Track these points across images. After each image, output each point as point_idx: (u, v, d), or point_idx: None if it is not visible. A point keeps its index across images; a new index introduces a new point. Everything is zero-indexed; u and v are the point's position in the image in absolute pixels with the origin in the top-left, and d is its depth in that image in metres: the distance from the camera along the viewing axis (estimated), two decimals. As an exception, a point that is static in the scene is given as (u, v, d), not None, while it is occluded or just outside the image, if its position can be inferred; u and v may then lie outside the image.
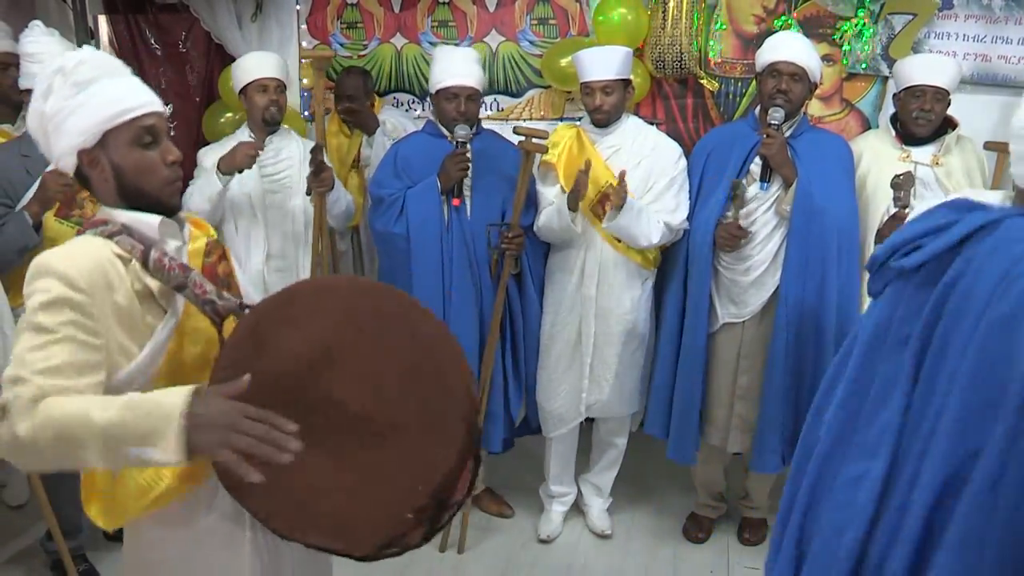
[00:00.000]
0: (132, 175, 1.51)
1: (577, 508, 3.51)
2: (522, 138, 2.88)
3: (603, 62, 2.98)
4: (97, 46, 4.33)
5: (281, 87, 3.27)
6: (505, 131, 3.27)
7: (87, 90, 1.47)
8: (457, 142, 2.97)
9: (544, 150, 2.90)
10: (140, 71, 4.26)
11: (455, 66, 3.02)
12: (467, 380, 1.51)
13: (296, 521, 1.38)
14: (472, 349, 3.04)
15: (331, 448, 1.39)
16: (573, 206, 2.95)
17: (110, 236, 1.49)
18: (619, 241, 3.05)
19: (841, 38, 3.57)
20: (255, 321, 1.48)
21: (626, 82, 3.05)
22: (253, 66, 3.25)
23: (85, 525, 3.01)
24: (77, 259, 1.41)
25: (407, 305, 1.56)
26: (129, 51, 4.29)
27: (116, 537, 3.19)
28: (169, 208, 1.57)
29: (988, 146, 2.84)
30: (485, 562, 3.21)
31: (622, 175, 2.85)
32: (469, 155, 2.96)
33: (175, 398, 1.25)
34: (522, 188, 2.93)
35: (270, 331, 1.45)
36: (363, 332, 1.48)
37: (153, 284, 1.50)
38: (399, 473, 1.40)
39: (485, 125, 3.26)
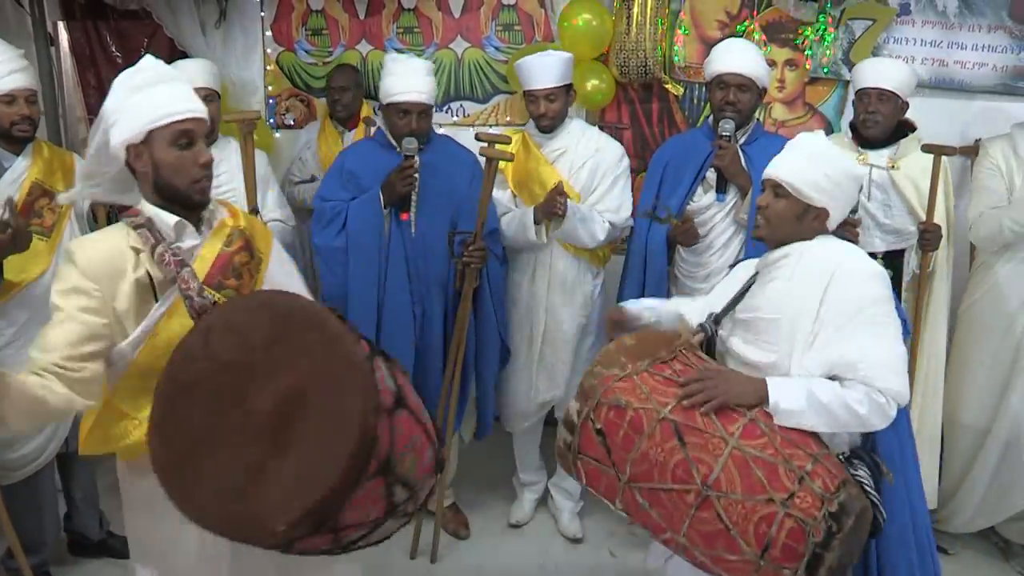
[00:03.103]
0: (167, 172, 1.73)
1: (547, 512, 3.52)
2: (484, 144, 2.80)
3: (544, 70, 2.97)
4: (57, 53, 4.26)
5: (212, 96, 3.14)
6: (466, 137, 3.18)
7: (140, 92, 1.70)
8: (405, 155, 2.85)
9: (508, 157, 2.82)
10: (98, 79, 4.23)
11: (409, 80, 2.88)
12: (366, 415, 1.49)
13: (200, 510, 1.52)
14: (407, 369, 2.86)
15: (237, 448, 1.52)
16: (539, 219, 2.97)
17: (135, 227, 1.73)
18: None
19: (803, 43, 3.62)
20: (209, 324, 1.65)
21: (568, 87, 3.06)
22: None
23: (49, 540, 2.95)
24: (91, 250, 1.69)
25: (340, 331, 1.58)
26: (87, 58, 4.24)
27: (81, 552, 3.16)
28: (196, 204, 1.78)
29: (925, 148, 2.87)
30: (459, 565, 3.21)
31: (558, 187, 2.88)
32: (417, 168, 2.85)
33: None
34: (485, 197, 2.81)
35: (216, 333, 1.61)
36: (287, 348, 1.56)
37: (156, 273, 1.73)
38: (281, 487, 1.46)
39: (446, 131, 3.19)
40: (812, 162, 1.96)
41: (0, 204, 2.36)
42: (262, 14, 4.11)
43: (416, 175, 2.85)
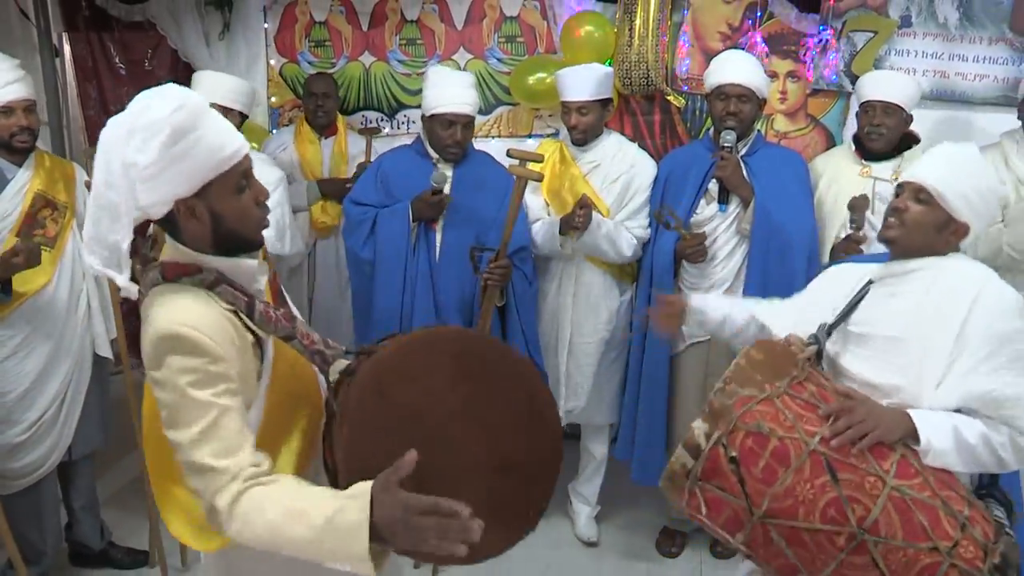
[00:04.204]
0: (231, 222, 1.47)
1: (549, 521, 3.51)
2: (514, 162, 2.73)
3: (580, 83, 2.99)
4: (62, 64, 4.28)
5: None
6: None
7: (187, 138, 1.37)
8: (433, 189, 2.85)
9: (537, 178, 2.74)
10: (99, 90, 4.24)
11: (454, 92, 2.88)
12: (557, 418, 1.67)
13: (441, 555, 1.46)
14: None
15: (459, 487, 1.44)
16: (564, 230, 2.98)
17: (210, 287, 1.45)
18: None
19: (805, 55, 3.63)
20: (377, 376, 1.50)
21: (604, 101, 3.06)
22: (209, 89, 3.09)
23: (50, 550, 2.94)
24: (206, 326, 1.39)
25: (507, 353, 1.67)
26: (89, 69, 4.26)
27: (82, 562, 3.14)
28: (256, 246, 1.55)
29: None
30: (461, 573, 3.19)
31: (582, 200, 2.89)
32: (446, 204, 2.89)
33: (357, 516, 1.26)
34: (512, 215, 2.74)
35: (392, 385, 1.49)
36: (476, 381, 1.57)
37: (260, 333, 1.50)
38: (517, 502, 1.57)
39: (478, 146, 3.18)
40: (962, 173, 1.83)
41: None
42: (265, 25, 4.13)
43: (444, 206, 2.89)
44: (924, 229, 1.84)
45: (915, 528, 1.59)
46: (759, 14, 3.65)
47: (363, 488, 1.29)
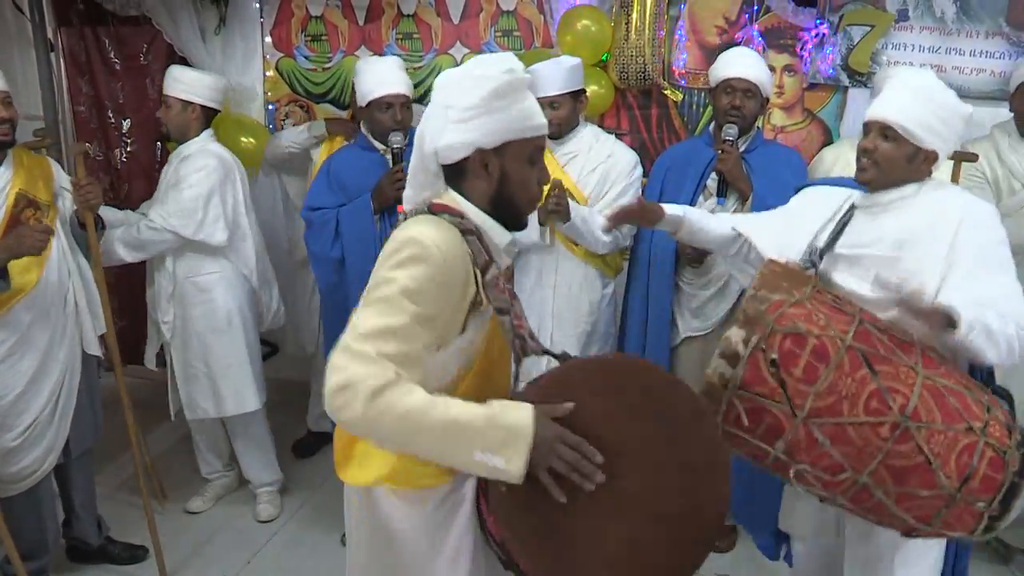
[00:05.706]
0: (514, 185, 1.58)
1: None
2: None
3: (548, 78, 2.97)
4: (57, 59, 4.27)
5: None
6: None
7: (507, 97, 1.52)
8: (393, 153, 2.95)
9: None
10: (93, 85, 4.23)
11: (385, 75, 3.03)
12: (727, 483, 1.51)
13: (547, 570, 1.45)
14: None
15: (601, 516, 1.43)
16: (542, 220, 2.98)
17: (464, 232, 1.53)
18: (576, 245, 3.08)
19: (802, 49, 3.63)
20: (568, 380, 1.51)
21: (576, 93, 3.04)
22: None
23: (50, 544, 2.93)
24: (450, 252, 1.46)
25: (699, 405, 1.54)
26: (83, 64, 4.24)
27: (81, 558, 3.14)
28: (521, 225, 1.64)
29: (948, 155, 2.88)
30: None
31: (554, 183, 2.86)
32: (404, 179, 2.90)
33: (523, 414, 1.37)
34: None
35: (579, 391, 1.46)
36: (660, 422, 1.48)
37: (482, 295, 1.54)
38: (654, 559, 1.46)
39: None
40: (922, 101, 1.90)
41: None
42: (261, 20, 4.11)
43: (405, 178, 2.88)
44: (896, 164, 1.93)
45: (950, 411, 1.66)
46: (756, 8, 3.65)
47: (519, 403, 1.39)
